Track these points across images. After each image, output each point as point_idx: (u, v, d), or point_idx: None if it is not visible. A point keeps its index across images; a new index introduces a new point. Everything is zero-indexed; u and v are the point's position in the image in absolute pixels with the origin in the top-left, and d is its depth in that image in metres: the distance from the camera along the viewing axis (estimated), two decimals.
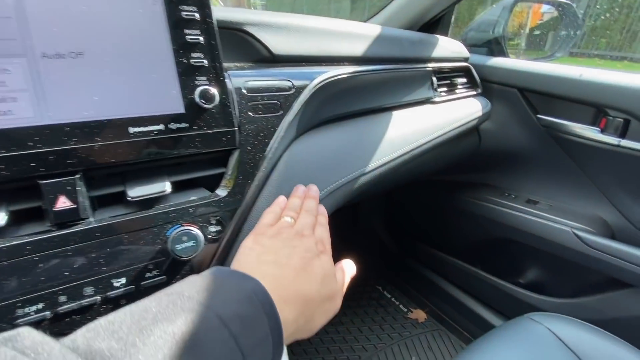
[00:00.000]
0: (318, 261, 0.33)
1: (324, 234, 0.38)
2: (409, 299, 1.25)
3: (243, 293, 0.25)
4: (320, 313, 0.33)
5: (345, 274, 0.39)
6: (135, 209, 0.34)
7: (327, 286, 0.33)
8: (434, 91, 0.72)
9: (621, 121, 0.68)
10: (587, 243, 0.72)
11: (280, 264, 0.32)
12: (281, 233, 0.35)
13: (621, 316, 0.72)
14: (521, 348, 0.56)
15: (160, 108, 0.34)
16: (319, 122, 0.52)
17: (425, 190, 1.12)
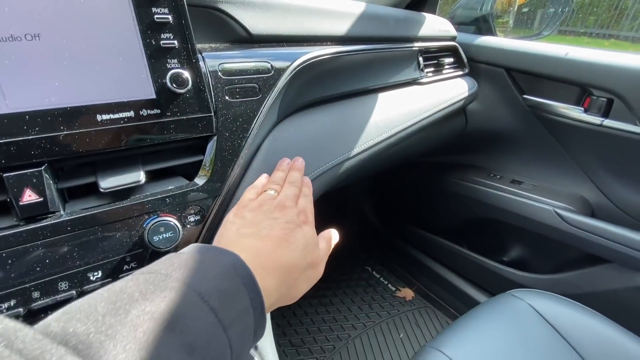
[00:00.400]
0: (300, 231, 0.34)
1: (307, 205, 0.38)
2: (397, 278, 1.28)
3: (221, 268, 0.25)
4: (302, 280, 0.34)
5: (327, 243, 0.39)
6: (109, 200, 0.32)
7: (309, 254, 0.34)
8: (420, 72, 0.70)
9: (604, 101, 0.68)
10: (567, 221, 0.74)
11: (260, 236, 0.32)
12: (263, 205, 0.35)
13: (598, 290, 0.75)
14: (503, 323, 0.58)
15: (129, 94, 0.32)
16: (302, 105, 0.50)
17: (412, 172, 1.13)
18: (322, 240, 0.39)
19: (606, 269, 0.74)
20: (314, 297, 1.19)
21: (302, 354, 0.99)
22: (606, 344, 0.54)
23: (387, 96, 0.63)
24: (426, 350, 0.55)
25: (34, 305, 0.29)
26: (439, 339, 0.56)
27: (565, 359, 0.54)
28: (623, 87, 0.66)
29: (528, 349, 0.54)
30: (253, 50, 0.42)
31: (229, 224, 0.34)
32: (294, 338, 1.04)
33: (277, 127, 0.46)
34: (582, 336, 0.56)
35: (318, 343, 1.03)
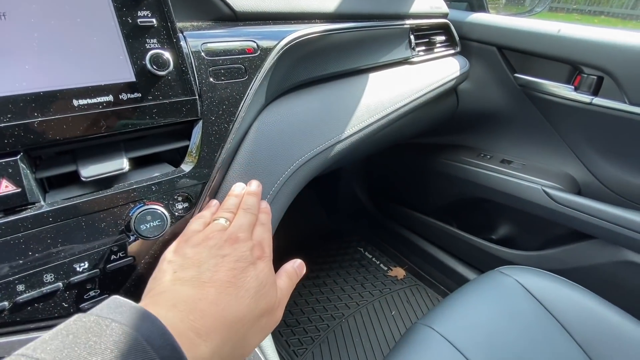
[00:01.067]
0: (252, 271, 0.29)
1: (264, 235, 0.33)
2: (388, 258, 1.31)
3: (130, 342, 0.20)
4: (254, 332, 0.28)
5: (290, 279, 0.34)
6: (92, 189, 0.31)
7: (262, 299, 0.28)
8: (411, 50, 0.69)
9: (594, 78, 0.68)
10: (555, 200, 0.76)
11: (200, 282, 0.27)
12: (209, 239, 0.30)
13: (582, 265, 0.78)
14: (492, 300, 0.60)
15: (107, 77, 0.30)
16: (291, 86, 0.49)
17: (403, 153, 1.13)
18: (283, 277, 0.34)
19: (590, 245, 0.76)
20: (308, 279, 1.21)
21: (297, 334, 1.01)
22: (588, 315, 0.56)
23: (378, 76, 0.61)
24: (417, 327, 0.56)
25: (19, 299, 0.28)
26: (430, 316, 0.57)
27: (549, 331, 0.56)
28: (613, 64, 0.66)
29: (515, 323, 0.56)
30: (238, 29, 0.41)
31: (165, 264, 0.29)
32: (289, 319, 1.06)
33: (266, 110, 0.45)
34: (565, 309, 0.58)
35: (312, 323, 1.05)
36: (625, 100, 0.65)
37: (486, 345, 0.53)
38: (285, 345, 0.98)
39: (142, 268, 0.34)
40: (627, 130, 0.68)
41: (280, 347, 0.97)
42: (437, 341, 0.53)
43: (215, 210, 0.36)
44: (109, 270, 0.31)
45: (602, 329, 0.55)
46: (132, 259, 0.32)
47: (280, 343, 0.99)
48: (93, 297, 0.31)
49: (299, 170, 0.46)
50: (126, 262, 0.32)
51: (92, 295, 0.31)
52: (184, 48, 0.34)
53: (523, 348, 0.54)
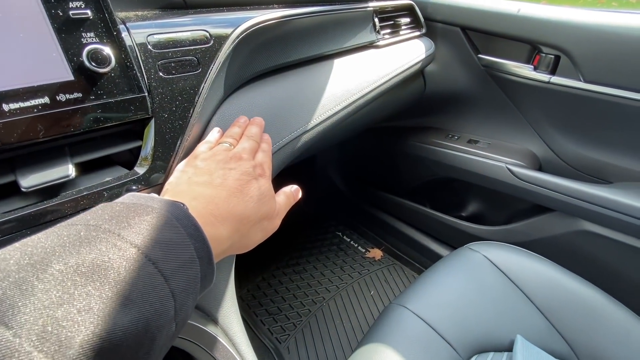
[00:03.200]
0: (255, 183, 0.33)
1: (264, 159, 0.37)
2: (366, 240, 1.33)
3: (160, 218, 0.23)
4: (256, 230, 0.33)
5: (287, 197, 0.39)
6: (35, 200, 0.29)
7: (264, 206, 0.33)
8: (376, 34, 0.68)
9: (552, 58, 0.70)
10: (518, 176, 0.79)
11: (213, 185, 0.31)
12: (217, 155, 0.34)
13: (543, 237, 0.82)
14: (461, 276, 0.62)
15: (40, 77, 0.28)
16: (251, 76, 0.47)
17: (374, 137, 1.13)
18: (282, 194, 0.39)
19: (551, 217, 0.81)
20: (288, 267, 1.22)
21: (279, 321, 1.03)
22: (548, 283, 0.60)
23: (343, 62, 0.60)
24: (392, 307, 0.58)
25: None
26: (403, 295, 0.59)
27: (514, 300, 0.59)
28: (568, 43, 0.68)
29: (483, 296, 0.59)
30: (187, 18, 0.38)
31: (179, 173, 0.33)
32: (270, 307, 1.07)
33: (226, 103, 0.43)
34: (528, 279, 0.61)
35: (294, 309, 1.07)
36: (580, 78, 0.68)
37: (456, 319, 0.56)
38: (267, 334, 0.99)
39: None
40: (583, 107, 0.71)
41: (262, 336, 0.98)
42: (411, 319, 0.55)
43: (219, 136, 0.39)
44: None
45: (561, 294, 0.59)
46: None
47: (263, 332, 1.00)
48: None
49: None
50: None
51: None
52: (127, 41, 0.31)
53: (490, 318, 0.57)
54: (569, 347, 0.55)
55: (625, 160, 0.71)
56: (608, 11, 0.67)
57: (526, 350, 0.52)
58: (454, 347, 0.52)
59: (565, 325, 0.56)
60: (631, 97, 0.64)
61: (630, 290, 0.72)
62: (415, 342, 0.52)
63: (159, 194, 0.35)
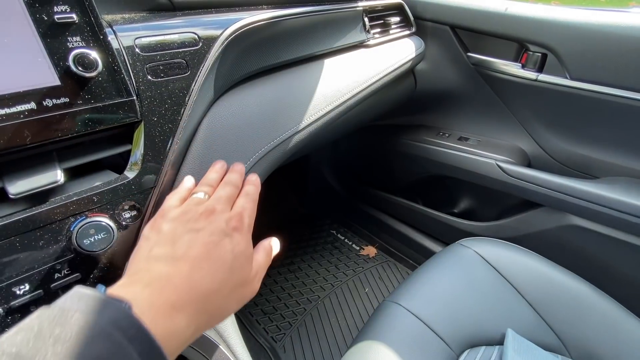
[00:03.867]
0: (228, 244, 0.29)
1: (246, 205, 0.33)
2: (360, 237, 1.34)
3: (91, 328, 0.20)
4: (229, 302, 0.29)
5: (267, 255, 0.35)
6: (24, 206, 0.29)
7: (237, 272, 0.29)
8: (366, 33, 0.68)
9: (539, 55, 0.72)
10: (507, 172, 0.80)
11: (174, 258, 0.27)
12: (186, 213, 0.31)
13: (532, 232, 0.84)
14: (453, 272, 0.63)
15: (26, 82, 0.27)
16: (241, 78, 0.47)
17: (366, 135, 1.14)
18: (260, 252, 0.34)
19: (539, 213, 0.82)
20: (283, 266, 1.22)
21: (274, 320, 1.03)
22: (537, 277, 0.62)
23: (334, 62, 0.60)
24: (385, 304, 0.59)
25: None
26: (397, 292, 0.60)
27: (504, 294, 0.61)
28: (554, 41, 0.69)
29: (475, 291, 0.60)
30: (175, 20, 0.38)
31: (143, 240, 0.30)
32: (266, 306, 1.07)
33: (216, 105, 0.43)
34: (517, 273, 0.62)
35: (289, 308, 1.07)
36: (566, 76, 0.69)
37: (449, 314, 0.56)
38: (263, 333, 0.99)
39: (93, 284, 0.32)
40: (569, 104, 0.72)
41: (258, 335, 0.99)
42: (404, 316, 0.56)
43: (193, 187, 0.36)
44: (53, 289, 0.30)
45: (550, 288, 0.60)
46: (78, 275, 0.31)
47: (258, 331, 1.00)
48: None
49: (256, 165, 0.45)
50: (73, 279, 0.31)
51: None
52: (114, 45, 0.31)
53: (481, 313, 0.58)
54: (558, 339, 0.56)
55: (610, 155, 0.73)
56: (594, 9, 0.68)
57: (517, 343, 0.53)
58: (447, 342, 0.53)
59: (555, 318, 0.58)
60: (616, 93, 0.65)
61: (617, 282, 0.74)
62: (409, 339, 0.53)
63: (147, 210, 0.34)
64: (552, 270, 0.62)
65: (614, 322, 0.56)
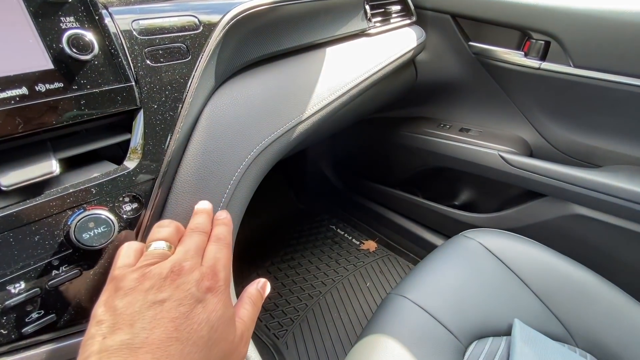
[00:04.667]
0: (202, 313, 0.24)
1: (218, 255, 0.27)
2: (359, 232, 1.33)
3: None
4: None
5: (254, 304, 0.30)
6: (17, 199, 0.27)
7: (217, 346, 0.24)
8: (367, 22, 0.67)
9: (542, 43, 0.71)
10: (510, 163, 0.80)
11: (132, 349, 0.21)
12: (145, 279, 0.24)
13: (535, 222, 0.84)
14: (458, 263, 0.63)
15: (17, 65, 0.25)
16: (243, 65, 0.45)
17: (366, 129, 1.13)
18: (246, 304, 0.29)
19: (542, 203, 0.82)
20: (283, 262, 1.21)
21: (276, 317, 1.02)
22: (542, 267, 0.61)
23: (336, 50, 0.59)
24: (391, 297, 0.58)
25: None
26: (402, 285, 0.59)
27: (510, 285, 0.60)
28: (558, 28, 0.68)
29: (480, 282, 0.60)
30: (175, 3, 0.36)
31: (93, 327, 0.23)
32: (267, 303, 1.06)
33: (218, 92, 0.41)
34: (522, 264, 0.62)
35: (291, 304, 1.06)
36: (570, 64, 0.68)
37: (455, 306, 0.56)
38: (265, 330, 0.98)
39: (94, 280, 0.30)
40: (572, 92, 0.72)
41: (260, 332, 0.97)
42: (411, 309, 0.55)
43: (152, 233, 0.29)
44: (51, 287, 0.28)
45: (555, 278, 0.60)
46: (78, 271, 0.29)
47: (260, 328, 0.99)
48: (37, 319, 0.28)
49: (260, 156, 0.44)
50: (72, 275, 0.29)
51: (35, 317, 0.28)
52: (110, 27, 0.29)
53: (488, 304, 0.57)
54: (564, 329, 0.56)
55: (613, 143, 0.72)
56: None
57: (524, 333, 0.53)
58: (454, 334, 0.53)
59: (560, 308, 0.57)
60: (619, 80, 0.64)
61: (621, 270, 0.74)
62: (417, 331, 0.52)
63: (153, 205, 0.31)
64: (556, 260, 0.62)
65: (619, 311, 0.56)
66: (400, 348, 0.49)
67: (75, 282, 0.29)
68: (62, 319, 0.29)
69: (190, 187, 0.36)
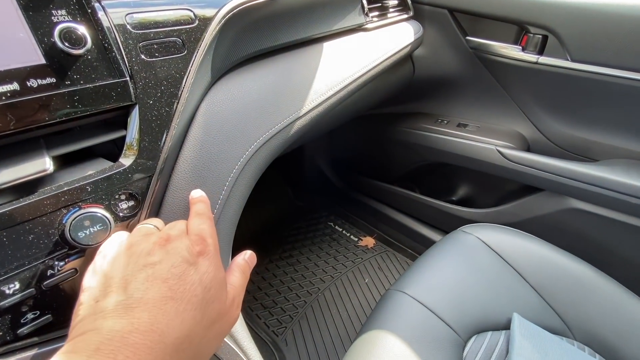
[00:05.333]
0: (194, 274, 0.24)
1: (202, 226, 0.28)
2: (358, 229, 1.33)
3: None
4: (206, 342, 0.24)
5: (243, 272, 0.31)
6: (10, 197, 0.26)
7: (210, 306, 0.25)
8: (365, 16, 0.66)
9: (540, 38, 0.71)
10: (508, 158, 0.80)
11: (128, 308, 0.22)
12: (134, 245, 0.25)
13: (533, 216, 0.84)
14: (456, 258, 0.63)
15: (8, 60, 0.25)
16: (239, 60, 0.44)
17: (363, 125, 1.12)
18: (235, 272, 0.30)
19: (539, 197, 0.82)
20: (281, 259, 1.21)
21: (275, 314, 1.02)
22: (539, 261, 0.62)
23: (333, 45, 0.58)
24: (391, 293, 0.58)
25: None
26: (401, 281, 0.59)
27: (508, 279, 0.60)
28: (556, 22, 0.68)
29: (479, 277, 0.60)
30: None
31: (84, 292, 0.24)
32: (265, 301, 1.06)
33: (214, 88, 0.41)
34: (520, 258, 0.62)
35: (289, 301, 1.06)
36: (567, 58, 0.68)
37: (454, 301, 0.56)
38: (264, 327, 0.98)
39: None
40: (570, 86, 0.72)
41: (259, 330, 0.97)
42: (411, 304, 0.55)
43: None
44: (46, 287, 0.27)
45: (552, 271, 0.60)
46: (74, 271, 0.28)
47: (259, 325, 0.99)
48: (32, 319, 0.27)
49: (258, 152, 0.43)
50: (68, 275, 0.28)
51: (31, 317, 0.27)
52: (103, 21, 0.29)
53: (487, 298, 0.57)
54: (562, 322, 0.56)
55: (610, 137, 0.73)
56: None
57: (523, 327, 0.53)
58: (454, 329, 0.53)
59: (558, 301, 0.58)
60: (616, 74, 0.64)
61: (618, 263, 0.74)
62: (416, 326, 0.52)
63: (150, 202, 0.31)
64: (554, 254, 0.62)
65: (616, 304, 0.56)
66: (400, 343, 0.49)
67: (72, 282, 0.29)
68: (58, 319, 0.29)
69: (188, 184, 0.35)
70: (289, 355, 0.91)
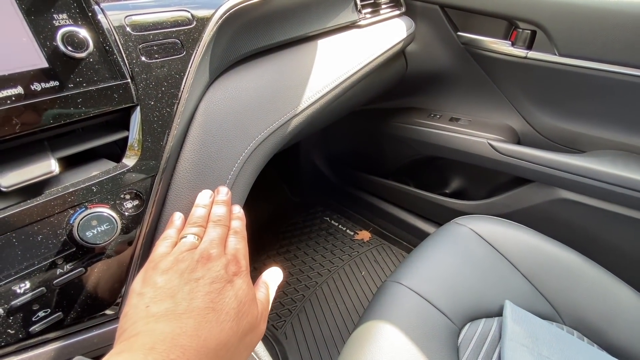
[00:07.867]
0: (230, 290, 0.28)
1: (238, 246, 0.32)
2: (353, 223, 1.35)
3: None
4: (239, 352, 0.27)
5: (270, 288, 0.34)
6: (18, 199, 0.27)
7: (244, 319, 0.27)
8: (358, 13, 0.67)
9: (528, 33, 0.72)
10: (499, 151, 0.82)
11: (176, 314, 0.25)
12: (180, 262, 0.28)
13: (523, 207, 0.86)
14: (451, 249, 0.64)
15: (12, 64, 0.25)
16: (236, 59, 0.45)
17: (357, 120, 1.13)
18: (262, 288, 0.33)
19: (530, 188, 0.85)
20: (278, 254, 1.22)
21: (273, 308, 1.03)
22: (530, 250, 0.64)
23: (327, 43, 0.59)
24: (387, 284, 0.59)
25: None
26: (398, 272, 0.61)
27: (500, 268, 0.62)
28: (543, 17, 0.69)
29: (473, 267, 0.62)
30: None
31: (135, 298, 0.26)
32: None
33: (212, 87, 0.41)
34: (512, 247, 0.64)
35: (288, 295, 1.07)
36: (555, 52, 0.70)
37: (449, 290, 0.58)
38: None
39: (99, 277, 0.31)
40: (557, 80, 0.74)
41: None
42: (407, 294, 0.56)
43: (181, 226, 0.33)
44: (56, 286, 0.28)
45: (542, 260, 0.62)
46: (82, 270, 0.29)
47: None
48: (43, 317, 0.28)
49: (257, 150, 0.44)
50: (77, 274, 0.29)
51: (42, 315, 0.28)
52: (103, 23, 0.29)
53: (480, 287, 0.59)
54: (552, 307, 0.59)
55: (597, 129, 0.75)
56: None
57: (515, 314, 0.55)
58: (449, 316, 0.55)
59: (548, 288, 0.60)
60: (603, 68, 0.66)
61: (605, 251, 0.77)
62: (413, 316, 0.54)
63: (153, 201, 0.32)
64: (544, 243, 0.64)
65: (603, 289, 0.59)
66: (397, 333, 0.51)
67: (81, 280, 0.30)
68: (68, 317, 0.29)
69: (189, 183, 0.36)
70: (289, 347, 0.93)
